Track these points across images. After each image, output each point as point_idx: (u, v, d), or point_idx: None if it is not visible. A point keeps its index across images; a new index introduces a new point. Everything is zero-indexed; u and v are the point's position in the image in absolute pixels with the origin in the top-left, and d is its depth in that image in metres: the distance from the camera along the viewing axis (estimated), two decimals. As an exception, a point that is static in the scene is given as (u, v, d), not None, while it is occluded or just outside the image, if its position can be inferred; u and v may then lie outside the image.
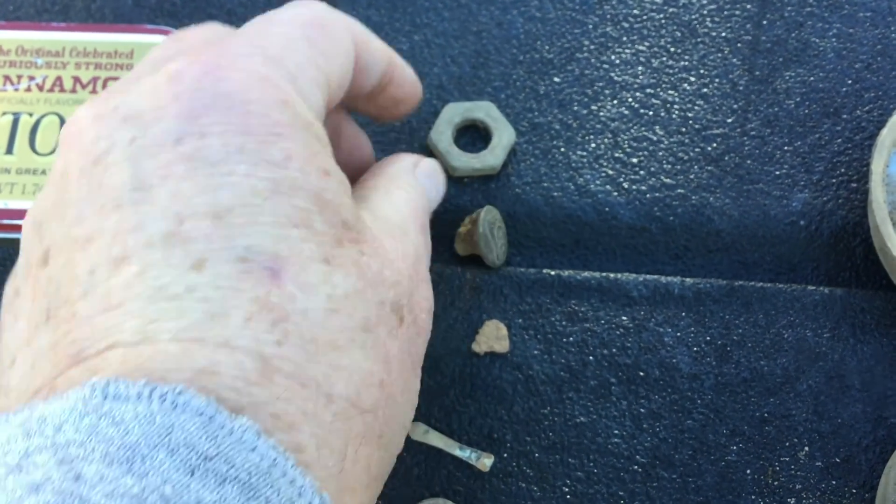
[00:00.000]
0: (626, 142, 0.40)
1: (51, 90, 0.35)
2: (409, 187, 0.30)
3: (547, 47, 0.42)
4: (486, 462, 0.35)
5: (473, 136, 0.41)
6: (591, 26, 0.42)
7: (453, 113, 0.40)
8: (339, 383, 0.22)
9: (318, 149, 0.24)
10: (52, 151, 0.34)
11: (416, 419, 0.36)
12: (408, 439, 0.36)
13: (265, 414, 0.20)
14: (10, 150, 0.34)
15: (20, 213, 0.33)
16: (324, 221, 0.23)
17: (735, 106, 0.40)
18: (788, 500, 0.35)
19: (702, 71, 0.41)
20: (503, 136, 0.39)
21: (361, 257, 0.24)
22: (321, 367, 0.21)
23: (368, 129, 0.40)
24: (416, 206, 0.29)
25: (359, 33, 0.29)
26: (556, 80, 0.41)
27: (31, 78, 0.35)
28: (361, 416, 0.22)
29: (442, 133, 0.40)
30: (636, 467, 0.36)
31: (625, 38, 0.42)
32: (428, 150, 0.40)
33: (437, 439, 0.36)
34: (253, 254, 0.21)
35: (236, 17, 0.43)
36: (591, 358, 0.37)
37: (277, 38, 0.25)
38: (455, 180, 0.40)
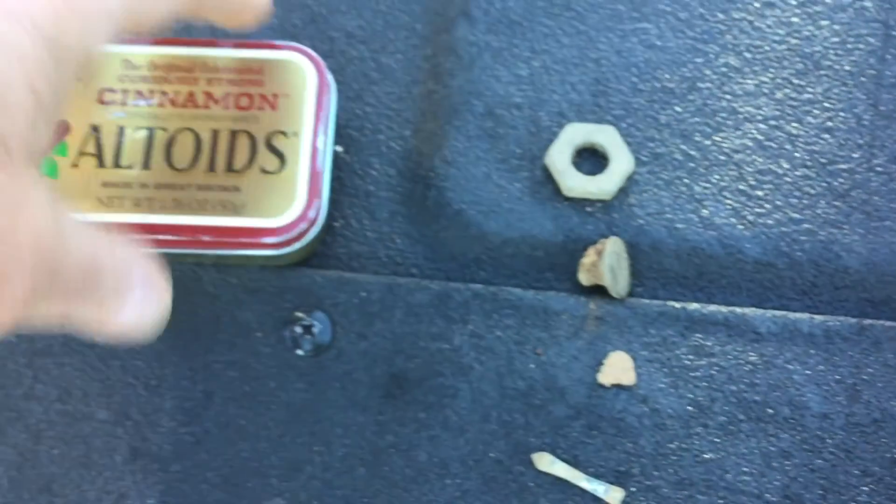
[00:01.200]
0: (751, 174, 0.40)
1: (184, 105, 0.35)
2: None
3: (668, 76, 0.42)
4: (616, 496, 0.35)
5: (592, 159, 0.40)
6: (712, 56, 0.42)
7: (574, 133, 0.40)
8: None
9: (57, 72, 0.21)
10: (189, 167, 0.34)
11: (541, 449, 0.36)
12: (535, 469, 0.36)
13: None
14: (146, 166, 0.34)
15: (160, 228, 0.34)
16: None
17: (861, 141, 0.40)
18: (921, 543, 0.35)
19: (826, 104, 0.41)
20: (621, 162, 0.39)
21: None
22: None
23: (482, 146, 0.40)
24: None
25: None
26: (678, 109, 0.41)
27: (164, 93, 0.35)
28: None
29: (561, 152, 0.40)
30: (765, 506, 0.35)
31: (747, 69, 0.42)
32: (546, 169, 0.40)
33: (563, 471, 0.36)
34: None
35: (356, 40, 0.43)
36: (718, 393, 0.37)
37: None
38: (578, 210, 0.39)
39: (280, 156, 0.35)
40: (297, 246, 0.35)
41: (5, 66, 0.19)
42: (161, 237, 0.34)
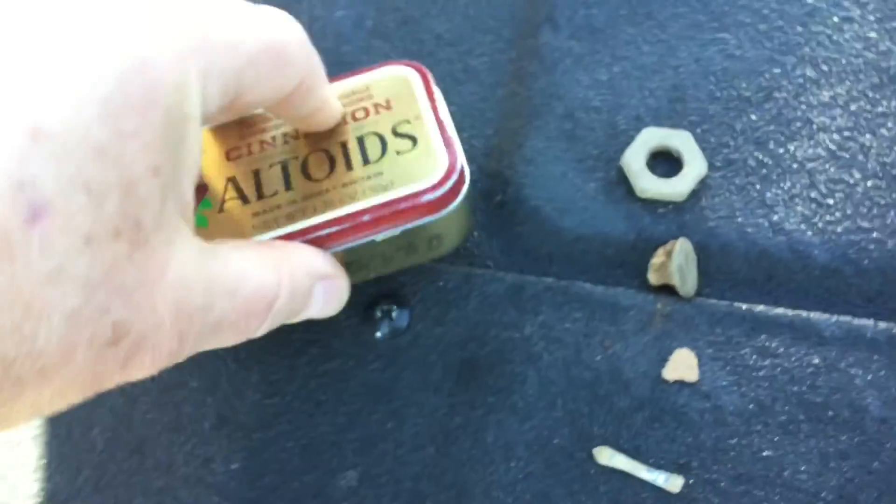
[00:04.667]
0: (823, 183, 0.41)
1: (306, 136, 0.36)
2: (301, 292, 0.30)
3: (744, 85, 0.43)
4: (676, 483, 0.37)
5: (666, 163, 0.42)
6: (789, 67, 0.43)
7: (650, 137, 0.41)
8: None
9: (176, 147, 0.23)
10: (329, 174, 0.35)
11: (604, 437, 0.38)
12: (596, 462, 0.37)
13: None
14: (289, 187, 0.34)
15: (320, 226, 0.33)
16: (118, 206, 0.21)
17: (934, 154, 0.41)
18: (977, 550, 0.35)
19: (901, 117, 0.42)
20: (695, 167, 0.41)
21: (123, 262, 0.22)
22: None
23: (560, 146, 0.42)
24: (269, 299, 0.29)
25: (308, 77, 0.30)
26: (753, 117, 0.42)
27: (286, 133, 0.36)
28: None
29: (636, 154, 0.41)
30: (822, 504, 0.36)
31: (823, 81, 0.43)
32: (620, 171, 0.42)
33: (623, 463, 0.37)
34: (33, 187, 0.19)
35: (444, 42, 0.45)
36: (780, 393, 0.38)
37: (235, 40, 0.25)
38: (650, 210, 0.41)
39: (410, 137, 0.35)
40: (456, 202, 0.35)
41: (130, 159, 0.21)
42: (324, 232, 0.33)
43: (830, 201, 0.41)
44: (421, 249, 0.37)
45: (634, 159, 0.41)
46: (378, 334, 0.40)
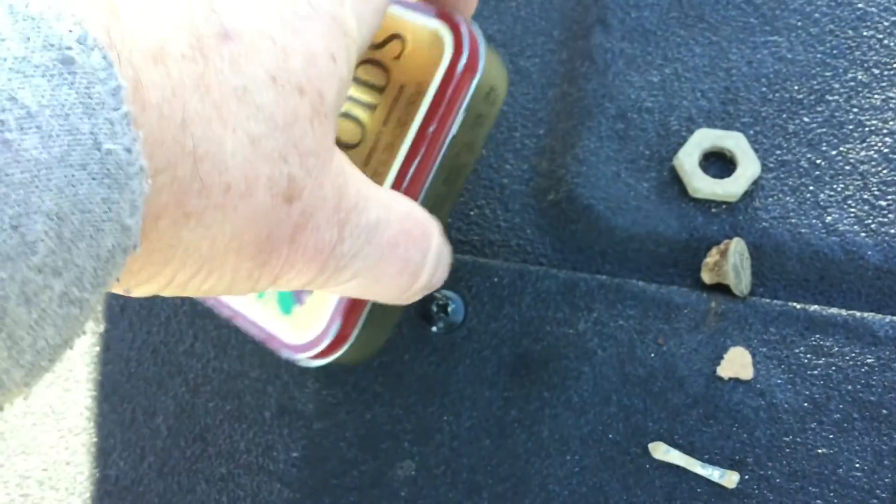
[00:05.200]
0: (876, 185, 0.41)
1: None
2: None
3: (797, 87, 0.43)
4: (732, 479, 0.37)
5: (719, 164, 0.42)
6: (841, 70, 0.43)
7: (703, 137, 0.42)
8: (211, 150, 0.21)
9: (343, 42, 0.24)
10: (360, 138, 0.33)
11: (659, 433, 0.38)
12: (650, 457, 0.38)
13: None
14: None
15: (408, 160, 0.32)
16: (301, 67, 0.23)
17: None
18: None
19: (953, 121, 0.42)
20: (748, 168, 0.41)
21: (304, 121, 0.23)
22: (208, 109, 0.21)
23: (613, 146, 0.43)
24: (426, 230, 0.29)
25: None
26: (806, 119, 0.43)
27: None
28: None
29: (689, 154, 0.42)
30: (876, 502, 0.37)
31: (874, 85, 0.43)
32: (673, 171, 0.42)
33: (678, 458, 0.38)
34: (226, 14, 0.21)
35: (496, 43, 0.46)
36: (835, 392, 0.38)
37: None
38: (703, 210, 0.41)
39: (397, 37, 0.32)
40: (483, 45, 0.32)
41: (309, 37, 0.23)
42: (416, 161, 0.31)
43: (883, 203, 0.41)
44: (485, 111, 0.34)
45: (687, 160, 0.42)
46: (433, 329, 0.41)
